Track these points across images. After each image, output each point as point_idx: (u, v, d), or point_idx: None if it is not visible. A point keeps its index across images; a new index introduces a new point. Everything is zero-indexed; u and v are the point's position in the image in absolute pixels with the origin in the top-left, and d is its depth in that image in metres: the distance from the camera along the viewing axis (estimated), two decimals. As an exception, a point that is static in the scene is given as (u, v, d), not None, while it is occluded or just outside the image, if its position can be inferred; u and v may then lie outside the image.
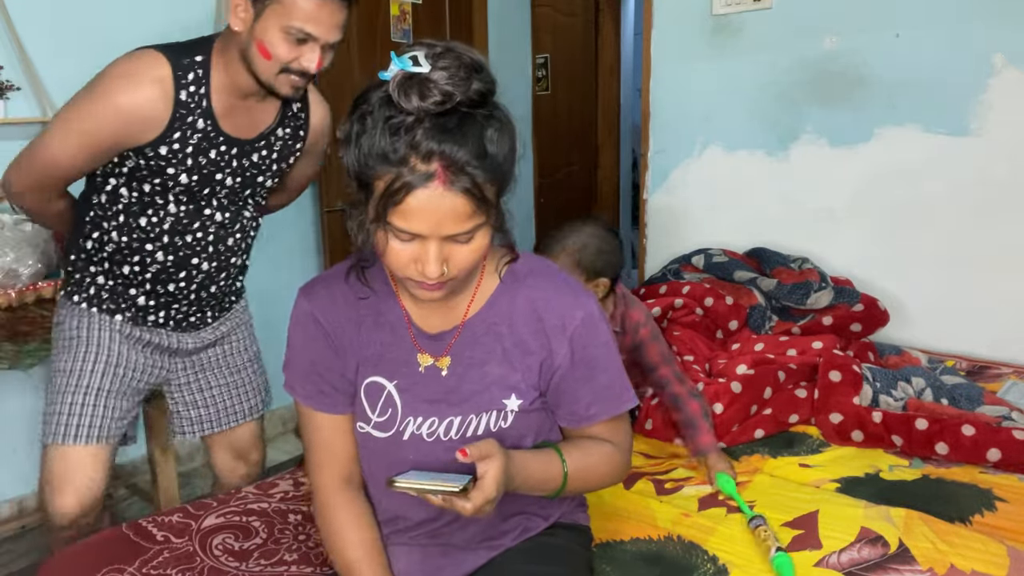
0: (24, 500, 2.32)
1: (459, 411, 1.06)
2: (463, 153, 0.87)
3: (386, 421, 1.08)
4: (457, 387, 1.06)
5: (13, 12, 2.10)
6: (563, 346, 1.05)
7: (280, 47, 1.37)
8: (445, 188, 0.87)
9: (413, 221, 0.89)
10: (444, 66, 0.87)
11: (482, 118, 0.90)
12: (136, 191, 1.51)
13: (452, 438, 1.06)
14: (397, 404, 1.07)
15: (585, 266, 1.68)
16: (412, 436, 1.07)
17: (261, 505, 1.49)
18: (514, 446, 1.07)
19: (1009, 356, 2.23)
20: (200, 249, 1.57)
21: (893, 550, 1.29)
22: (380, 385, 1.08)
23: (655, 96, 2.89)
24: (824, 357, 1.99)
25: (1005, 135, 2.20)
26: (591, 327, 1.06)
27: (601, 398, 1.09)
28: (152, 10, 2.42)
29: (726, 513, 1.47)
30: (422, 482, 0.94)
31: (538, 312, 1.05)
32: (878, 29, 2.36)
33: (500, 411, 1.06)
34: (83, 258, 1.59)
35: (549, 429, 1.13)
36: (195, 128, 1.46)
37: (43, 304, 1.90)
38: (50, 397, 1.55)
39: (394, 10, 3.30)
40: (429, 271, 0.91)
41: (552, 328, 1.05)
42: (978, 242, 2.28)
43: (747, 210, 2.72)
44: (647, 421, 1.86)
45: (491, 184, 0.90)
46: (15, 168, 1.49)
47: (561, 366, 1.06)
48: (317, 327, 1.09)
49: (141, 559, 1.28)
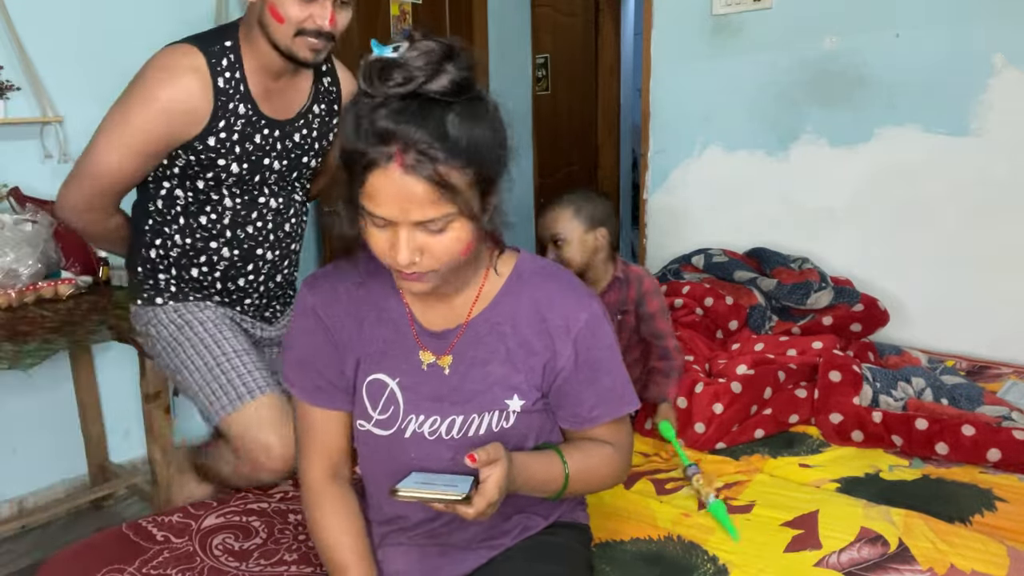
0: (24, 500, 2.31)
1: (461, 410, 1.06)
2: (420, 134, 0.86)
3: (387, 419, 1.08)
4: (459, 386, 1.06)
5: (13, 12, 2.10)
6: (567, 348, 1.05)
7: (291, 7, 1.39)
8: (404, 171, 0.87)
9: (379, 204, 0.89)
10: (415, 52, 0.88)
11: (449, 104, 0.89)
12: (191, 190, 1.51)
13: (454, 437, 1.06)
14: (399, 402, 1.07)
15: (584, 215, 1.79)
16: (414, 434, 1.07)
17: (261, 505, 1.48)
18: (516, 447, 1.07)
19: (1009, 356, 2.23)
20: (262, 239, 1.59)
21: (893, 550, 1.29)
22: (382, 382, 1.08)
23: (655, 96, 2.89)
24: (824, 357, 1.99)
25: (1005, 135, 2.20)
26: (595, 329, 1.06)
27: (604, 400, 1.09)
28: (152, 10, 2.42)
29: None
30: (424, 491, 0.94)
31: (542, 313, 1.05)
32: (878, 29, 2.36)
33: (502, 411, 1.06)
34: (149, 268, 1.59)
35: (550, 430, 1.13)
36: (237, 114, 1.47)
37: (43, 304, 1.91)
38: (199, 384, 1.50)
39: (394, 10, 3.30)
40: (400, 259, 0.92)
41: (556, 329, 1.05)
42: (978, 242, 2.28)
43: (747, 210, 2.72)
44: (647, 421, 1.86)
45: (459, 171, 0.89)
46: (67, 187, 1.49)
47: (564, 368, 1.06)
48: (317, 321, 1.09)
49: (141, 559, 1.27)
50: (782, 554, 1.32)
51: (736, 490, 1.56)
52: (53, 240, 2.00)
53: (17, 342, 1.86)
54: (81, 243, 2.05)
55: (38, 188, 2.15)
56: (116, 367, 2.45)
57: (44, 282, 1.92)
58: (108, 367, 2.44)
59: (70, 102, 2.24)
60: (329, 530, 1.09)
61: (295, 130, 1.58)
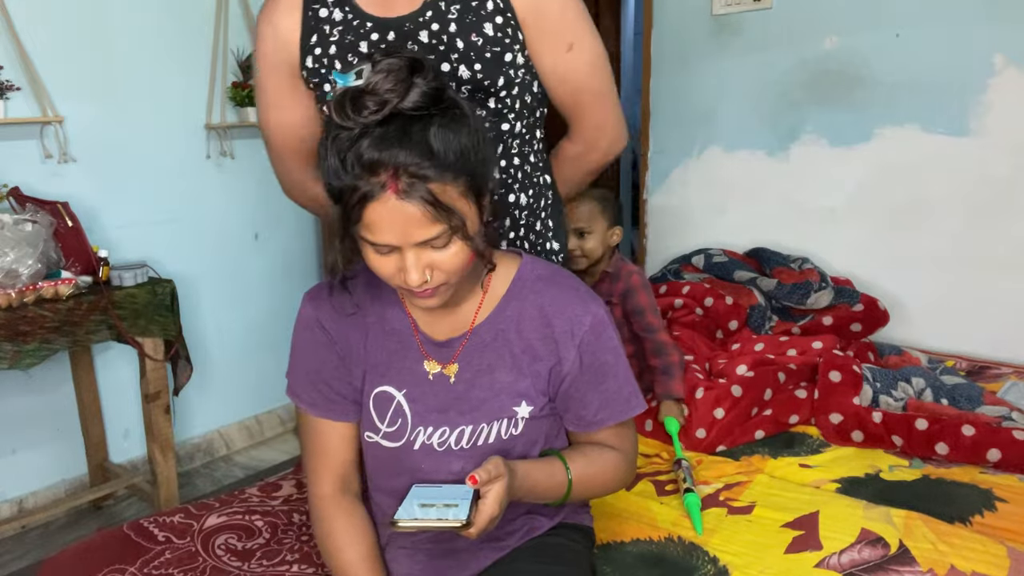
0: (24, 500, 2.32)
1: (470, 420, 1.05)
2: (407, 156, 0.85)
3: (396, 431, 1.07)
4: (466, 394, 1.06)
5: (13, 12, 2.10)
6: (572, 352, 1.05)
7: None
8: (398, 197, 0.86)
9: (379, 233, 0.89)
10: (380, 75, 0.87)
11: (427, 118, 0.88)
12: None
13: (463, 447, 1.06)
14: (407, 414, 1.07)
15: (608, 213, 1.96)
16: (423, 446, 1.06)
17: (264, 506, 1.48)
18: (523, 454, 1.07)
19: (1009, 356, 2.24)
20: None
21: (893, 551, 1.29)
22: (389, 395, 1.07)
23: (655, 96, 2.89)
24: (824, 357, 2.00)
25: (1005, 135, 2.20)
26: (600, 332, 1.06)
27: (609, 403, 1.08)
28: (152, 10, 2.42)
29: (726, 514, 1.47)
30: (424, 521, 0.93)
31: (547, 318, 1.05)
32: (878, 29, 2.36)
33: (511, 419, 1.06)
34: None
35: (556, 435, 1.13)
36: (332, 21, 1.18)
37: (43, 304, 1.90)
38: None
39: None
40: (411, 280, 0.91)
41: (561, 334, 1.04)
42: (978, 242, 2.28)
43: (747, 210, 2.72)
44: (647, 422, 1.86)
45: (451, 184, 0.88)
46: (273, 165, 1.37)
47: (570, 372, 1.06)
48: (323, 333, 1.09)
49: (142, 559, 1.27)
50: (783, 555, 1.32)
51: (736, 491, 1.56)
52: (53, 240, 1.99)
53: (17, 342, 1.86)
54: (81, 243, 2.05)
55: (38, 188, 2.15)
56: (116, 367, 2.45)
57: (44, 282, 1.92)
58: (108, 367, 2.44)
59: (70, 102, 2.24)
60: (340, 548, 1.09)
61: (419, 27, 1.15)
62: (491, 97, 1.18)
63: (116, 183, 2.39)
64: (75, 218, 2.06)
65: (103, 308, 2.01)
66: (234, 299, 2.77)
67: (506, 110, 1.20)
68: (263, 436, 2.94)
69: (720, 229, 2.77)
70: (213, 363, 2.73)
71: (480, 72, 1.15)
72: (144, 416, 2.25)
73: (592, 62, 1.23)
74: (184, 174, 2.57)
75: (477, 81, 1.16)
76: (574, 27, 1.19)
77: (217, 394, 2.77)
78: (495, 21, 1.14)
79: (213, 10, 2.58)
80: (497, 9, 1.14)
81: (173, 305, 2.18)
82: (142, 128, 2.44)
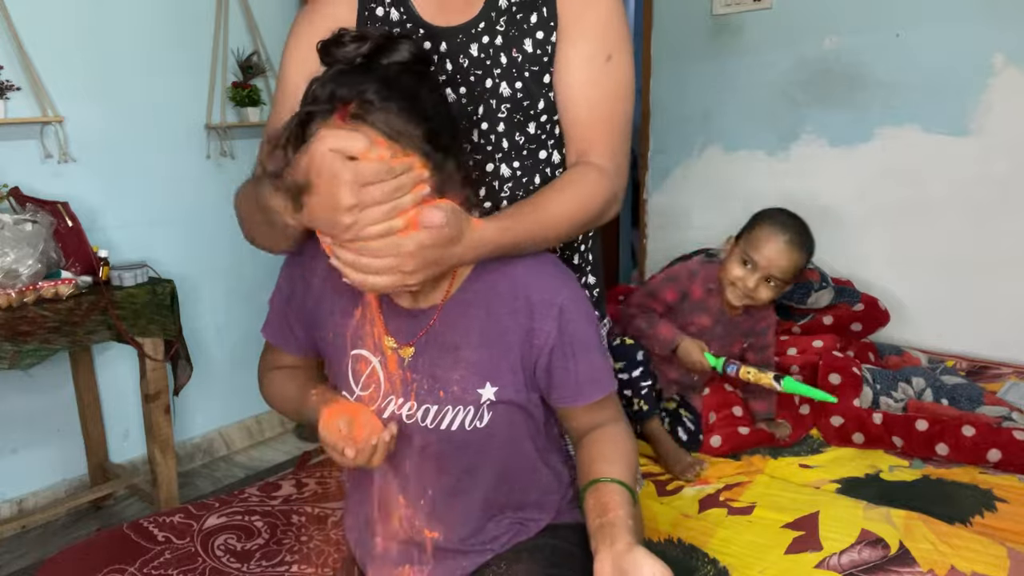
0: (24, 500, 2.32)
1: (434, 400, 1.02)
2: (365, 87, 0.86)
3: (368, 396, 1.05)
4: (430, 371, 1.03)
5: (13, 12, 2.10)
6: (548, 323, 1.01)
7: None
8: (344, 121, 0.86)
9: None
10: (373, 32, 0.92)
11: (398, 66, 0.91)
12: None
13: (428, 427, 1.03)
14: (380, 380, 1.05)
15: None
16: (393, 415, 1.04)
17: (263, 506, 1.48)
18: (501, 457, 1.05)
19: (1009, 356, 2.23)
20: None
21: (894, 552, 1.29)
22: (366, 359, 1.05)
23: (655, 96, 2.89)
24: (824, 359, 2.00)
25: (1005, 135, 2.20)
26: (576, 304, 1.03)
27: (595, 375, 1.05)
28: (152, 10, 2.42)
29: (726, 515, 1.47)
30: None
31: (521, 291, 1.01)
32: (878, 29, 2.36)
33: (476, 407, 1.02)
34: None
35: (537, 433, 1.10)
36: (388, 21, 1.13)
37: (43, 304, 1.90)
38: None
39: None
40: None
41: (538, 304, 1.01)
42: (978, 242, 2.28)
43: (747, 210, 2.71)
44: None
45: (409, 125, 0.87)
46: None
47: (547, 344, 1.02)
48: (304, 270, 1.12)
49: (142, 559, 1.27)
50: (783, 556, 1.33)
51: (737, 491, 1.57)
52: (53, 240, 1.99)
53: (17, 342, 1.86)
54: (81, 243, 2.05)
55: (38, 188, 2.15)
56: (116, 367, 2.45)
57: (44, 282, 1.92)
58: (108, 367, 2.44)
59: (70, 102, 2.23)
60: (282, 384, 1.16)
61: (471, 39, 1.10)
62: (531, 121, 1.13)
63: (116, 183, 2.39)
64: (75, 218, 2.06)
65: (103, 308, 2.00)
66: (234, 299, 2.77)
67: (545, 135, 1.15)
68: (263, 436, 2.94)
69: (720, 229, 2.76)
70: (213, 363, 2.73)
71: (520, 92, 1.11)
72: (144, 416, 2.25)
73: (626, 84, 1.14)
74: (184, 174, 2.57)
75: (517, 101, 1.11)
76: (618, 38, 1.12)
77: (217, 394, 2.77)
78: (535, 36, 1.10)
79: (213, 10, 2.58)
80: (541, 20, 1.09)
81: (173, 305, 2.18)
82: (142, 128, 2.43)
